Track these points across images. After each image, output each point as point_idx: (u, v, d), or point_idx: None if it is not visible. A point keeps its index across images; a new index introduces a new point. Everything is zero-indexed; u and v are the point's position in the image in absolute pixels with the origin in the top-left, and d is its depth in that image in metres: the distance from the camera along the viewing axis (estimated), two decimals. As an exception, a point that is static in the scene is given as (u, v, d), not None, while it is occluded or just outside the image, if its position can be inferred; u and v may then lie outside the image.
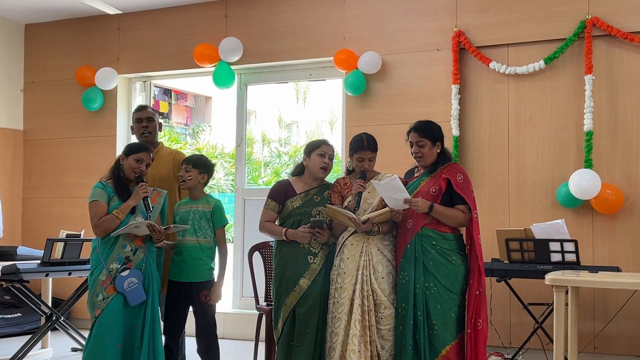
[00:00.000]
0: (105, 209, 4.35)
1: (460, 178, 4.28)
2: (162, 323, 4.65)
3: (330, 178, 4.78)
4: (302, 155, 4.72)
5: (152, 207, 4.45)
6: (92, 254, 4.46)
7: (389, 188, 4.18)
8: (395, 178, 4.22)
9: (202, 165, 4.71)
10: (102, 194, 4.37)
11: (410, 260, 4.23)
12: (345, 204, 4.46)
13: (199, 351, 4.68)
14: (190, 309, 4.72)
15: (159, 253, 4.63)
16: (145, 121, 5.06)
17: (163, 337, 4.61)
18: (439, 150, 4.39)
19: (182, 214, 4.68)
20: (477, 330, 4.23)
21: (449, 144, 5.90)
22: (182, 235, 4.64)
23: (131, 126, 5.23)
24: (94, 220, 4.33)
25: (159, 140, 5.23)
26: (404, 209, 4.27)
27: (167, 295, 4.69)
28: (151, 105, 7.91)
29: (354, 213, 4.30)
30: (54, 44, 7.97)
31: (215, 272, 4.71)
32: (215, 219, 4.67)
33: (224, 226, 4.75)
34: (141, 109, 5.17)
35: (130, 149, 4.49)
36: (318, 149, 4.58)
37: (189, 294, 4.61)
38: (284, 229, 4.51)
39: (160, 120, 5.26)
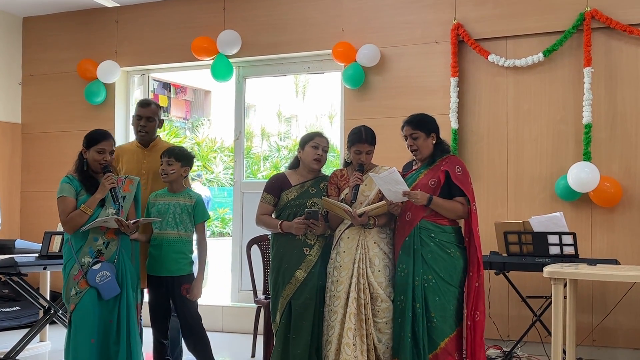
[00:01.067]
0: (73, 204, 4.21)
1: (459, 170, 4.27)
2: (141, 318, 4.60)
3: (328, 171, 4.77)
4: (298, 148, 4.71)
5: (124, 197, 4.33)
6: (64, 248, 4.36)
7: (388, 181, 4.17)
8: (394, 171, 4.20)
9: (184, 158, 4.63)
10: (69, 189, 4.24)
11: (409, 253, 4.23)
12: (342, 196, 4.44)
13: (188, 348, 4.63)
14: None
15: (134, 246, 4.50)
16: (145, 120, 4.90)
17: (152, 332, 4.58)
18: (434, 142, 4.38)
19: (160, 206, 4.58)
20: (475, 322, 4.23)
21: (447, 137, 5.89)
22: (160, 228, 4.54)
23: (133, 116, 5.08)
24: (62, 217, 4.20)
25: (157, 135, 5.16)
26: (402, 202, 4.26)
27: (150, 290, 4.62)
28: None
29: (351, 206, 4.29)
30: (52, 37, 7.95)
31: (195, 268, 4.64)
32: (197, 213, 4.61)
33: (205, 221, 4.71)
34: (144, 105, 4.98)
35: (89, 141, 4.32)
36: (312, 140, 4.57)
37: (170, 288, 4.55)
38: (280, 222, 4.50)
39: (162, 117, 5.15)
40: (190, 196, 4.63)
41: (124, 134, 7.54)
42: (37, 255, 5.60)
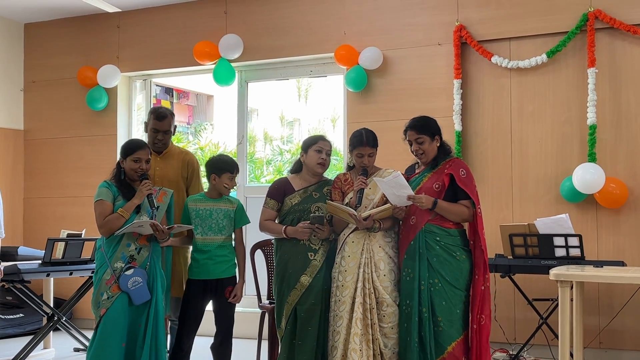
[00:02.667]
0: (110, 208, 4.31)
1: (463, 173, 4.24)
2: (169, 323, 4.63)
3: (332, 174, 4.74)
4: (300, 152, 4.68)
5: (158, 206, 4.41)
6: (96, 253, 4.44)
7: (392, 185, 4.14)
8: (399, 175, 4.17)
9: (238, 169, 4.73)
10: (107, 193, 4.34)
11: (415, 257, 4.20)
12: (347, 200, 4.42)
13: (213, 346, 4.62)
14: (208, 307, 4.67)
15: (166, 252, 4.59)
16: (162, 134, 4.87)
17: (169, 337, 4.59)
18: (438, 144, 4.35)
19: (200, 212, 4.59)
20: (480, 325, 4.20)
21: (451, 139, 5.87)
22: (202, 233, 4.57)
23: (145, 122, 5.05)
24: (99, 220, 4.30)
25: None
26: (406, 206, 4.24)
27: (187, 294, 4.61)
28: (151, 105, 7.91)
29: (356, 210, 4.27)
30: (54, 43, 7.94)
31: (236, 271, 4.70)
32: (238, 218, 4.65)
33: (244, 226, 4.73)
34: (161, 118, 4.87)
35: (126, 151, 4.42)
36: (315, 144, 4.54)
37: (214, 291, 4.56)
38: (284, 227, 4.48)
39: (176, 124, 5.06)
40: (231, 201, 4.67)
41: (126, 139, 7.51)
42: (40, 262, 5.58)
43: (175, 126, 5.02)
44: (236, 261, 4.68)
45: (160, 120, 4.87)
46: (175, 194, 4.73)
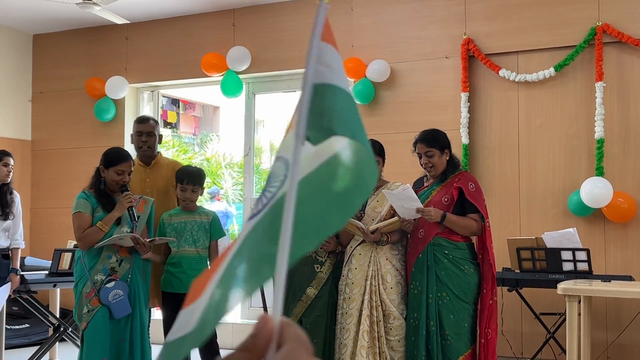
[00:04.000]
0: (89, 220, 4.20)
1: (472, 187, 4.24)
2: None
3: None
4: None
5: (139, 217, 4.31)
6: (75, 265, 4.33)
7: (402, 197, 4.14)
8: (408, 187, 4.17)
9: (204, 181, 4.65)
10: (85, 205, 4.24)
11: (423, 270, 4.19)
12: None
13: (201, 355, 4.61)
14: None
15: (145, 264, 4.48)
16: (145, 135, 4.89)
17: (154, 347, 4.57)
18: (447, 158, 4.35)
19: (176, 225, 4.55)
20: (487, 339, 4.19)
21: (458, 152, 5.85)
22: (178, 246, 4.52)
23: (131, 134, 5.08)
24: (78, 233, 4.19)
25: (158, 151, 5.11)
26: (414, 219, 4.23)
27: (165, 308, 4.60)
28: (159, 115, 7.94)
29: (358, 216, 4.28)
30: (62, 54, 7.98)
31: None
32: (214, 230, 4.62)
33: (220, 238, 4.70)
34: (142, 121, 4.98)
35: (109, 161, 4.29)
36: None
37: None
38: None
39: (162, 133, 5.09)
40: (206, 214, 4.65)
41: (133, 150, 7.52)
42: (46, 272, 5.59)
43: (161, 135, 5.05)
44: None
45: (142, 123, 4.92)
46: (166, 205, 4.70)
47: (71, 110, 7.87)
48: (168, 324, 4.60)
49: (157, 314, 4.84)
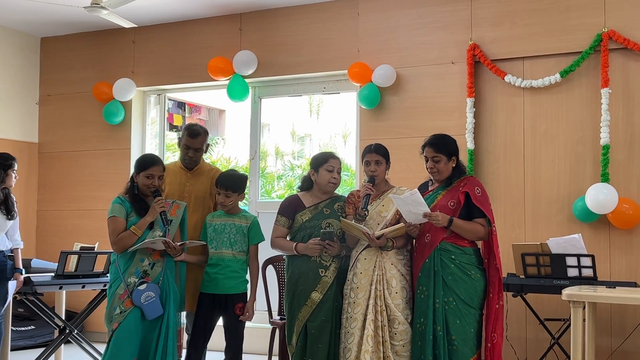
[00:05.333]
0: (123, 224, 4.36)
1: (478, 191, 4.25)
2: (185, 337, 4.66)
3: (342, 190, 4.76)
4: (310, 169, 4.68)
5: (171, 221, 4.44)
6: (111, 267, 4.48)
7: (409, 202, 4.14)
8: (416, 192, 4.18)
9: (241, 187, 4.68)
10: (120, 210, 4.38)
11: (429, 275, 4.20)
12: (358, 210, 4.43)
13: None
14: (219, 322, 4.68)
15: (180, 267, 4.61)
16: (193, 151, 4.89)
17: (184, 351, 4.63)
18: (454, 165, 4.36)
19: (216, 227, 4.64)
20: (493, 344, 4.20)
21: (463, 157, 5.86)
22: (216, 248, 4.60)
23: (178, 138, 5.07)
24: (112, 237, 4.34)
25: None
26: (420, 223, 4.24)
27: (198, 307, 4.64)
28: (165, 119, 7.97)
29: (363, 215, 4.30)
30: (70, 57, 8.02)
31: (248, 287, 4.70)
32: (252, 234, 4.67)
33: (259, 243, 4.73)
34: (194, 136, 4.87)
35: (139, 166, 4.45)
36: (326, 163, 4.54)
37: (223, 306, 4.58)
38: (295, 244, 4.49)
39: (208, 142, 5.05)
40: (246, 218, 4.70)
41: (139, 153, 7.56)
42: (53, 274, 5.62)
43: (208, 145, 5.04)
44: (249, 278, 4.69)
45: (193, 138, 4.89)
46: (201, 210, 4.77)
47: (78, 113, 7.91)
48: (197, 323, 4.62)
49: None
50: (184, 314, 4.81)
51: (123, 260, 4.36)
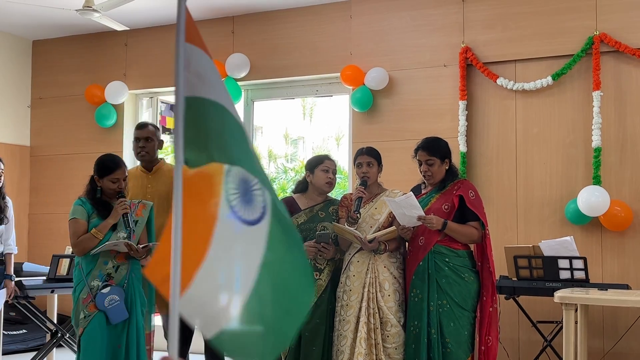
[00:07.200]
0: (84, 227, 4.24)
1: (472, 195, 4.26)
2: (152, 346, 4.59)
3: (336, 193, 4.76)
4: (305, 171, 4.70)
5: (137, 221, 4.33)
6: (74, 271, 4.36)
7: (403, 205, 4.15)
8: (411, 195, 4.19)
9: None
10: (81, 212, 4.27)
11: (423, 278, 4.20)
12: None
13: None
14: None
15: None
16: (143, 141, 4.90)
17: (155, 354, 4.57)
18: (447, 167, 4.37)
19: None
20: (487, 347, 4.21)
21: (456, 160, 5.86)
22: None
23: (133, 140, 5.10)
24: (73, 239, 4.23)
25: (159, 157, 5.12)
26: (414, 226, 4.24)
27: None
28: (158, 121, 7.95)
29: (355, 217, 4.30)
30: (61, 60, 8.00)
31: None
32: None
33: None
34: (140, 127, 4.99)
35: (102, 171, 4.32)
36: (321, 164, 4.56)
37: None
38: None
39: (162, 138, 5.10)
40: None
41: (132, 156, 7.53)
42: (44, 278, 5.60)
43: (162, 141, 5.05)
44: None
45: (140, 129, 4.93)
46: (166, 212, 4.68)
47: (70, 116, 7.89)
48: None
49: (157, 320, 4.85)
50: (156, 317, 4.74)
51: (86, 263, 4.24)
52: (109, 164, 4.34)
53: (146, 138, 4.91)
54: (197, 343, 4.71)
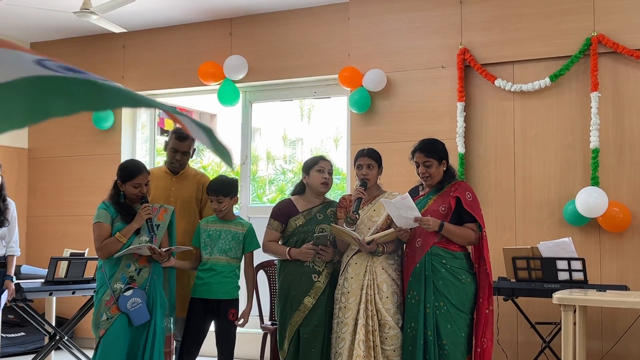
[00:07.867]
0: (108, 230, 4.32)
1: (469, 196, 4.26)
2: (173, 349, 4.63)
3: (334, 194, 4.76)
4: (302, 174, 4.70)
5: (159, 225, 4.42)
6: (97, 273, 4.46)
7: (400, 206, 4.14)
8: (407, 196, 4.19)
9: (232, 191, 4.64)
10: (105, 216, 4.35)
11: (420, 280, 4.20)
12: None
13: None
14: (211, 327, 4.67)
15: (169, 273, 4.58)
16: (180, 154, 4.90)
17: (174, 357, 4.61)
18: (445, 168, 4.36)
19: (211, 232, 4.60)
20: (483, 349, 4.21)
21: (454, 162, 5.87)
22: (210, 253, 4.58)
23: (165, 141, 5.07)
24: (97, 243, 4.31)
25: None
26: (411, 228, 4.24)
27: (190, 312, 4.61)
28: (155, 123, 7.95)
29: (354, 218, 4.30)
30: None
31: (241, 293, 4.68)
32: (248, 242, 4.64)
33: (254, 250, 4.71)
34: (181, 139, 4.89)
35: (124, 176, 4.39)
36: (316, 165, 4.56)
37: (215, 311, 4.56)
38: (288, 248, 4.49)
39: (195, 147, 5.07)
40: (242, 224, 4.68)
41: (132, 157, 7.53)
42: (42, 280, 5.59)
43: (195, 149, 5.05)
44: (241, 284, 4.68)
45: (181, 141, 4.89)
46: (187, 215, 4.75)
47: (68, 118, 7.81)
48: (190, 328, 4.60)
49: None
50: (173, 320, 4.78)
51: (109, 266, 4.32)
52: (130, 170, 4.43)
53: (184, 152, 4.91)
54: (208, 344, 4.71)
